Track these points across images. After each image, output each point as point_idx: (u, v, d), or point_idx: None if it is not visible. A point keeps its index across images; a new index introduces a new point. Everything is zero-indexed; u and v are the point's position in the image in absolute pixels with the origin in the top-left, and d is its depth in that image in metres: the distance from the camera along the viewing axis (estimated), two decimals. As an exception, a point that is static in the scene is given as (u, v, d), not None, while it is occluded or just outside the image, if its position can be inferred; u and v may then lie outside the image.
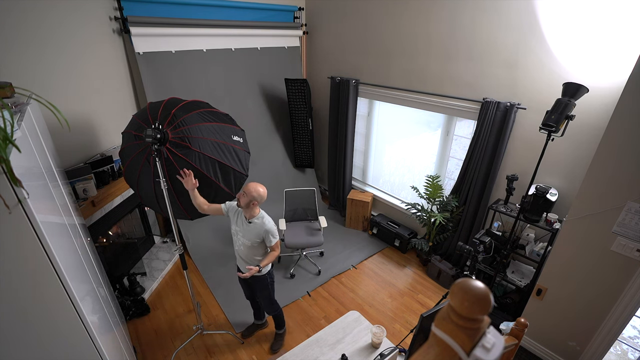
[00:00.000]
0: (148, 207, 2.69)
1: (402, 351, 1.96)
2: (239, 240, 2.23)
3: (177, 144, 1.95)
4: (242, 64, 3.89)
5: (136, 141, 2.03)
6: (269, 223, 2.17)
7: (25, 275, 1.16)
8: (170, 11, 3.22)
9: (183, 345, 2.66)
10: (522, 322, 1.46)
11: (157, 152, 1.88)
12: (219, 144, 2.09)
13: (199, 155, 2.00)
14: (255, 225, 2.15)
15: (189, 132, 1.97)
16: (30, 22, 2.34)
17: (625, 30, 2.09)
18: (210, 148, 2.04)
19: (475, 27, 2.79)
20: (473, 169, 3.06)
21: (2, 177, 0.98)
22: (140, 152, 2.01)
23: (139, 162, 2.03)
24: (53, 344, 1.32)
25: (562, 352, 2.44)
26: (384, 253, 3.90)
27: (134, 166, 2.08)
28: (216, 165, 2.07)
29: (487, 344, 0.42)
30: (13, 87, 1.49)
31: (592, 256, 2.12)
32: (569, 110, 2.06)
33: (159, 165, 1.90)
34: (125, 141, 2.16)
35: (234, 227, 2.24)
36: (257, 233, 2.16)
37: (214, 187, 2.13)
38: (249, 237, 2.18)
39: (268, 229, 2.14)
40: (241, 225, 2.19)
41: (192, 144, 1.97)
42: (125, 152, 2.15)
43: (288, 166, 4.58)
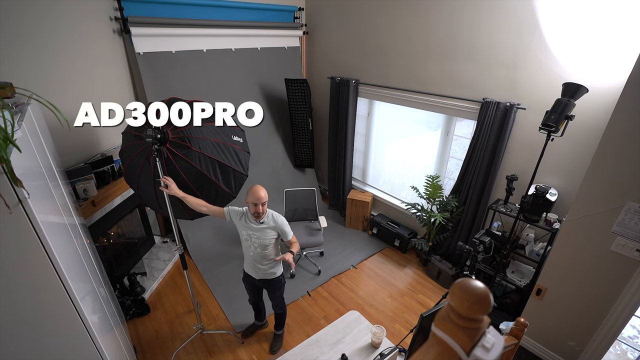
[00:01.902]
0: (148, 206, 2.69)
1: (402, 351, 1.97)
2: (254, 244, 2.18)
3: (177, 144, 1.95)
4: (242, 64, 3.89)
5: (136, 141, 2.03)
6: (279, 217, 2.19)
7: (25, 275, 1.16)
8: (170, 11, 3.22)
9: (183, 344, 2.66)
10: (521, 322, 1.46)
11: (157, 152, 1.88)
12: (219, 144, 2.09)
13: (199, 156, 2.00)
14: (268, 224, 2.17)
15: (189, 132, 1.98)
16: (30, 23, 2.34)
17: (625, 30, 2.09)
18: (210, 148, 2.04)
19: (475, 27, 2.79)
20: (473, 169, 3.07)
21: (3, 177, 0.98)
22: (141, 152, 2.01)
23: (139, 162, 2.03)
24: (53, 344, 1.32)
25: (562, 351, 2.45)
26: (384, 253, 3.90)
27: (134, 166, 2.08)
28: (216, 165, 2.07)
29: (487, 344, 0.42)
30: (13, 87, 1.49)
31: (592, 256, 2.12)
32: (568, 110, 2.06)
33: (159, 165, 1.90)
34: (126, 141, 2.15)
35: (245, 232, 2.18)
36: (271, 229, 2.17)
37: (213, 187, 2.13)
38: (264, 236, 2.17)
39: (282, 223, 2.19)
40: (254, 229, 2.16)
41: (192, 144, 1.97)
42: (126, 152, 2.15)
43: (288, 166, 4.58)
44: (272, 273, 2.32)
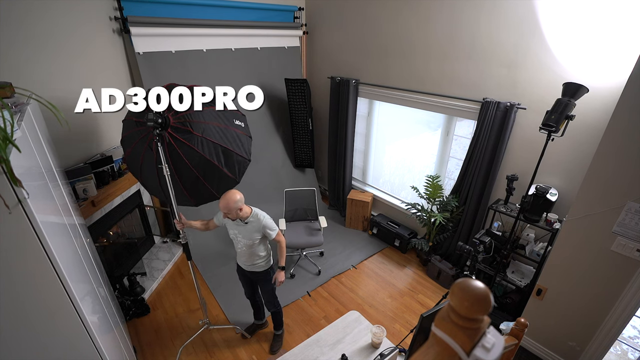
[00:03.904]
0: (153, 194, 2.69)
1: (402, 351, 1.96)
2: (240, 242, 2.26)
3: (179, 129, 1.91)
4: (242, 64, 3.89)
5: (137, 127, 1.99)
6: (264, 218, 2.21)
7: (25, 275, 1.16)
8: (170, 11, 3.22)
9: (190, 339, 2.66)
10: (522, 322, 1.46)
11: (158, 137, 1.84)
12: (222, 129, 2.05)
13: (202, 140, 1.96)
14: (252, 224, 2.20)
15: (191, 117, 1.94)
16: (30, 22, 2.34)
17: (625, 31, 2.09)
18: (212, 133, 2.00)
19: (475, 27, 2.79)
20: (473, 169, 3.06)
21: (2, 177, 0.98)
22: (142, 139, 1.97)
23: (141, 149, 1.99)
24: (53, 344, 1.32)
25: (562, 352, 2.44)
26: (384, 253, 3.89)
27: (135, 154, 2.04)
28: (219, 150, 2.03)
29: (487, 344, 0.42)
30: (13, 87, 1.49)
31: (592, 256, 2.12)
32: (569, 110, 2.06)
33: (161, 150, 1.87)
34: (126, 129, 2.11)
35: (232, 231, 2.28)
36: (256, 230, 2.20)
37: (217, 172, 2.09)
38: (249, 237, 2.21)
39: (265, 224, 2.20)
40: (239, 228, 2.23)
41: (194, 129, 1.93)
42: (127, 140, 2.10)
43: (288, 166, 4.57)
44: (260, 265, 2.37)
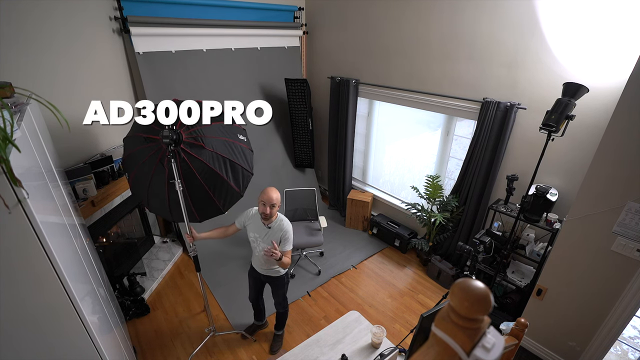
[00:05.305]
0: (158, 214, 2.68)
1: (402, 351, 1.96)
2: (259, 246, 2.25)
3: (191, 144, 1.94)
4: (242, 64, 3.89)
5: (147, 144, 1.98)
6: (287, 225, 2.22)
7: (24, 276, 1.16)
8: (170, 11, 3.22)
9: (198, 348, 2.62)
10: (522, 322, 1.46)
11: (172, 153, 1.85)
12: (229, 143, 2.08)
13: (213, 155, 1.99)
14: (274, 229, 2.20)
15: (202, 132, 1.97)
16: (30, 22, 2.34)
17: (625, 30, 2.09)
18: (222, 147, 2.03)
19: (475, 27, 2.79)
20: (473, 169, 3.06)
21: (2, 177, 0.97)
22: (153, 155, 1.96)
23: (150, 166, 1.98)
24: (52, 345, 1.32)
25: (562, 352, 2.44)
26: (384, 253, 3.89)
27: (143, 173, 2.02)
28: (227, 163, 2.06)
29: (487, 344, 0.42)
30: (13, 87, 1.49)
31: (592, 256, 2.11)
32: (569, 110, 2.06)
33: (174, 166, 1.89)
34: (131, 147, 2.07)
35: (252, 234, 2.26)
36: (277, 235, 2.20)
37: (225, 185, 2.11)
38: (270, 242, 2.19)
39: (286, 230, 2.20)
40: (260, 232, 2.22)
41: (206, 144, 1.96)
42: (131, 159, 2.06)
43: (288, 166, 4.57)
44: (277, 271, 2.37)
